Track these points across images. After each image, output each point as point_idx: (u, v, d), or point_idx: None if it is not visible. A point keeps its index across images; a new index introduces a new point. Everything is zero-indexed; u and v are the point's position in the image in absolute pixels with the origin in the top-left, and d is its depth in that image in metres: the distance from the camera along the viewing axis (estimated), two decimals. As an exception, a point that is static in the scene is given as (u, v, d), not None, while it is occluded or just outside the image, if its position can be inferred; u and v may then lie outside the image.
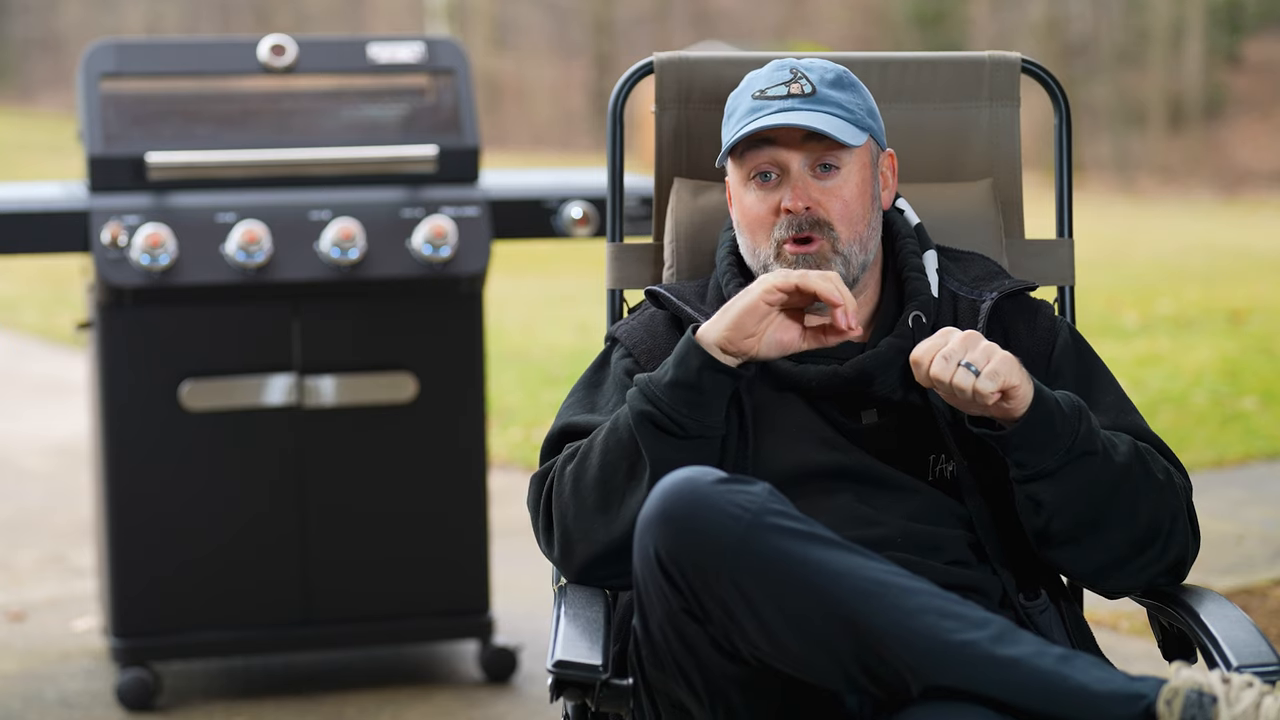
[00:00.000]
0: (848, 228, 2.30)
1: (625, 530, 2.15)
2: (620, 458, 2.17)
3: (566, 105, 24.94)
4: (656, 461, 2.14)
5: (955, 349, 2.09)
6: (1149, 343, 8.52)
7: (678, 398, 2.15)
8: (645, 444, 2.15)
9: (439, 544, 3.86)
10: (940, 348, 2.10)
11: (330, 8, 27.63)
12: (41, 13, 30.02)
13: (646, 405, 2.16)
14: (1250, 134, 20.29)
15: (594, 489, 2.19)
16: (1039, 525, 2.19)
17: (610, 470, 2.18)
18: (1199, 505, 2.32)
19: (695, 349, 2.17)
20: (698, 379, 2.15)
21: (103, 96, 3.73)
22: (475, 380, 3.84)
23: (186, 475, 3.74)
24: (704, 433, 2.16)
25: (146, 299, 3.65)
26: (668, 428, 2.15)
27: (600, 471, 2.18)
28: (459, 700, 3.82)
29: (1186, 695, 1.88)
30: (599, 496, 2.18)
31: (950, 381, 2.08)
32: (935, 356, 2.09)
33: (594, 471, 2.19)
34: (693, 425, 2.15)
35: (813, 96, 2.30)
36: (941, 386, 2.10)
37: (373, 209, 3.72)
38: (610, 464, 2.18)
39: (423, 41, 3.92)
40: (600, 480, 2.18)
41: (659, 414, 2.15)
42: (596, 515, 2.18)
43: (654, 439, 2.15)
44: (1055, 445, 2.13)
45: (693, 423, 2.15)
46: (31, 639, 4.28)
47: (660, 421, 2.15)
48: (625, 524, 2.15)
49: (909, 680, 1.94)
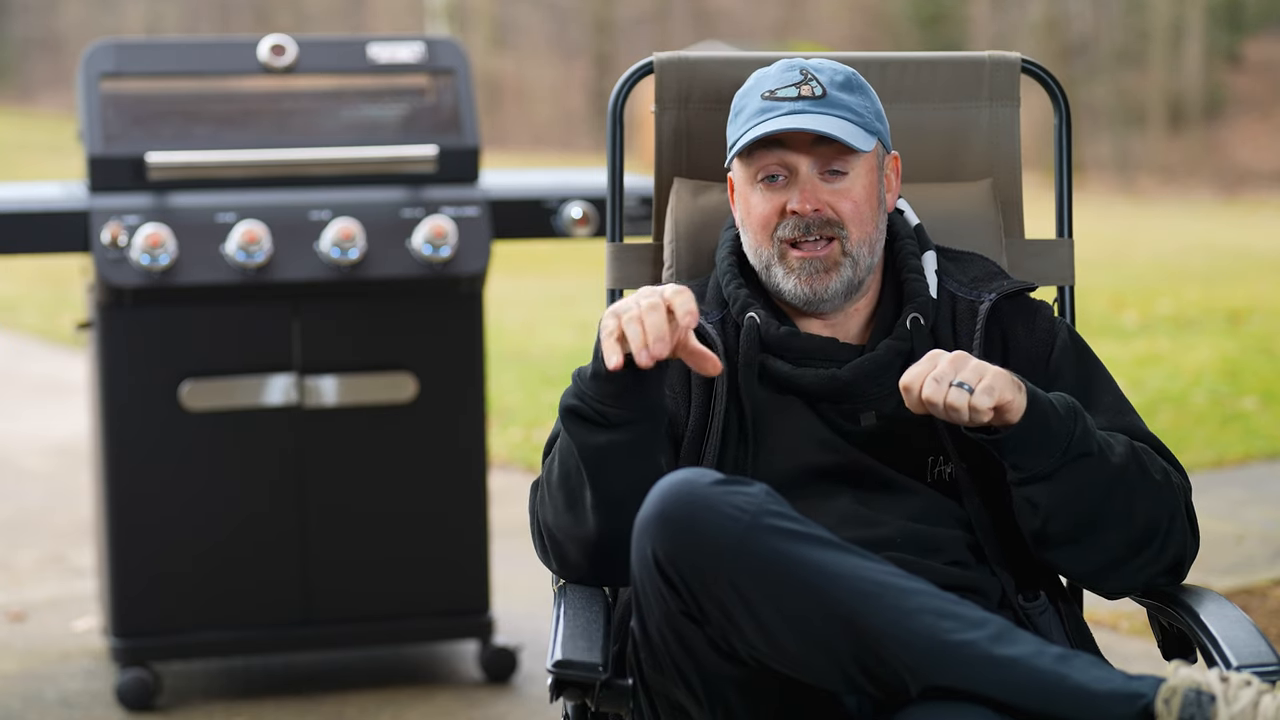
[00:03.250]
0: (858, 228, 2.30)
1: (595, 526, 2.15)
2: (570, 454, 2.17)
3: (566, 105, 24.95)
4: (584, 448, 2.14)
5: (945, 371, 2.08)
6: (1149, 343, 8.52)
7: (599, 389, 2.13)
8: (573, 435, 2.15)
9: (439, 544, 3.86)
10: (929, 372, 2.09)
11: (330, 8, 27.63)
12: (41, 13, 30.02)
13: (572, 399, 2.16)
14: (1250, 134, 20.30)
15: (559, 488, 2.20)
16: (1035, 527, 2.19)
17: (566, 468, 2.18)
18: (1199, 505, 2.32)
19: None
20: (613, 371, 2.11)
21: (103, 96, 3.73)
22: (475, 380, 3.84)
23: (187, 475, 3.74)
24: (629, 420, 2.13)
25: (146, 299, 3.65)
26: (591, 418, 2.14)
27: (560, 468, 2.19)
28: (459, 700, 3.82)
29: (1185, 694, 1.89)
30: (564, 495, 2.19)
31: (944, 403, 2.07)
32: (925, 380, 2.09)
33: (558, 471, 2.20)
34: (615, 414, 2.13)
35: (823, 99, 2.29)
36: (935, 409, 2.09)
37: (373, 209, 3.72)
38: (565, 462, 2.18)
39: (423, 41, 3.92)
40: (562, 479, 2.19)
41: (582, 405, 2.14)
42: (566, 514, 2.19)
43: (581, 430, 2.14)
44: (1050, 448, 2.13)
45: (615, 412, 2.13)
46: (31, 639, 4.28)
47: (584, 413, 2.14)
48: (589, 520, 2.16)
49: (908, 680, 1.94)
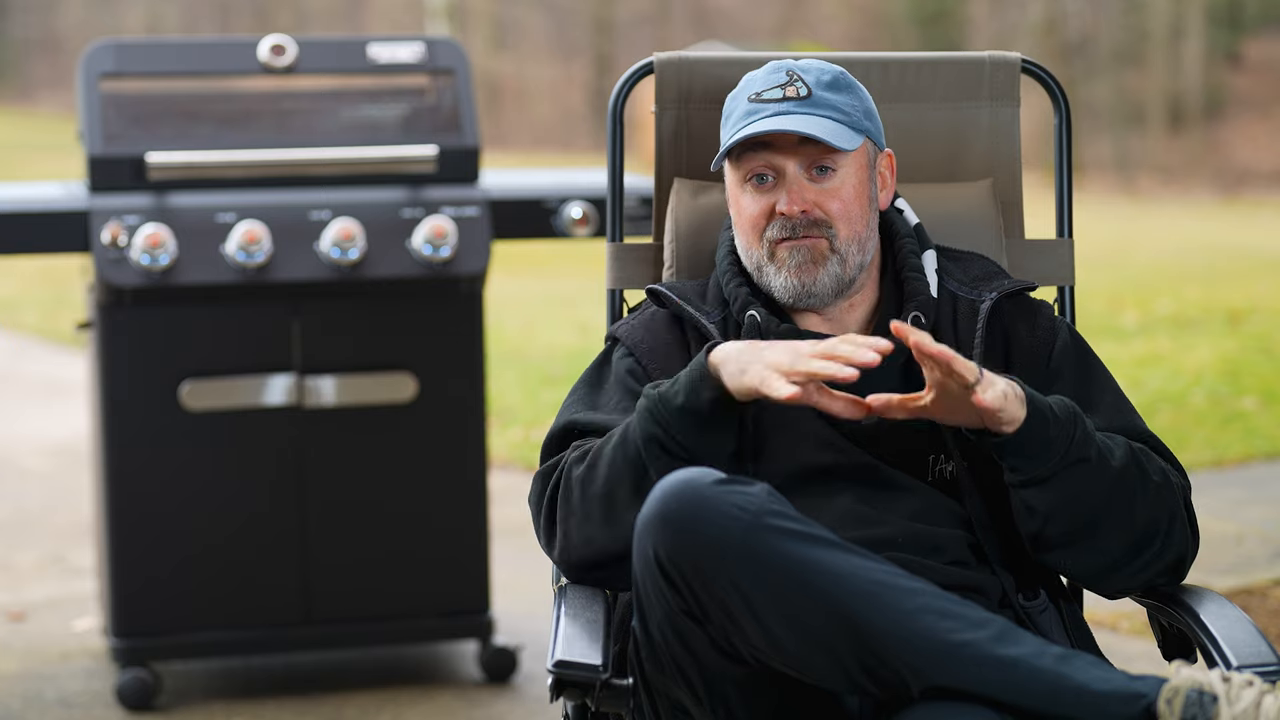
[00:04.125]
0: (846, 226, 2.30)
1: (627, 540, 2.14)
2: (626, 474, 2.16)
3: (566, 105, 24.95)
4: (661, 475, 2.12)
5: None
6: (1149, 343, 8.52)
7: (687, 423, 2.13)
8: (654, 466, 2.14)
9: (439, 544, 3.86)
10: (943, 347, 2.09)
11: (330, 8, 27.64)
12: (41, 13, 30.03)
13: (655, 428, 2.14)
14: (1250, 134, 20.30)
15: (599, 502, 2.18)
16: (1034, 530, 2.19)
17: (615, 484, 2.17)
18: (1199, 505, 2.32)
19: (708, 380, 2.13)
20: (710, 409, 2.13)
21: (102, 96, 3.73)
22: (475, 380, 3.84)
23: (186, 475, 3.74)
24: (712, 455, 2.15)
25: (146, 299, 3.65)
26: (676, 452, 2.13)
27: (605, 485, 2.18)
28: (459, 700, 3.82)
29: (1187, 694, 1.88)
30: (603, 509, 2.18)
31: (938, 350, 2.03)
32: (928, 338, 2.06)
33: (600, 484, 2.18)
34: (702, 450, 2.14)
35: (808, 99, 2.29)
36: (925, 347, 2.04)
37: (373, 209, 3.72)
38: (616, 478, 2.17)
39: (423, 41, 3.92)
40: (605, 494, 2.17)
41: (668, 437, 2.14)
42: (601, 527, 2.18)
43: (663, 462, 2.13)
44: (1049, 452, 2.13)
45: (702, 448, 2.14)
46: (31, 639, 4.28)
47: (669, 445, 2.14)
48: (627, 537, 2.15)
49: (909, 680, 1.94)
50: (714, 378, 2.13)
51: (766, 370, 2.08)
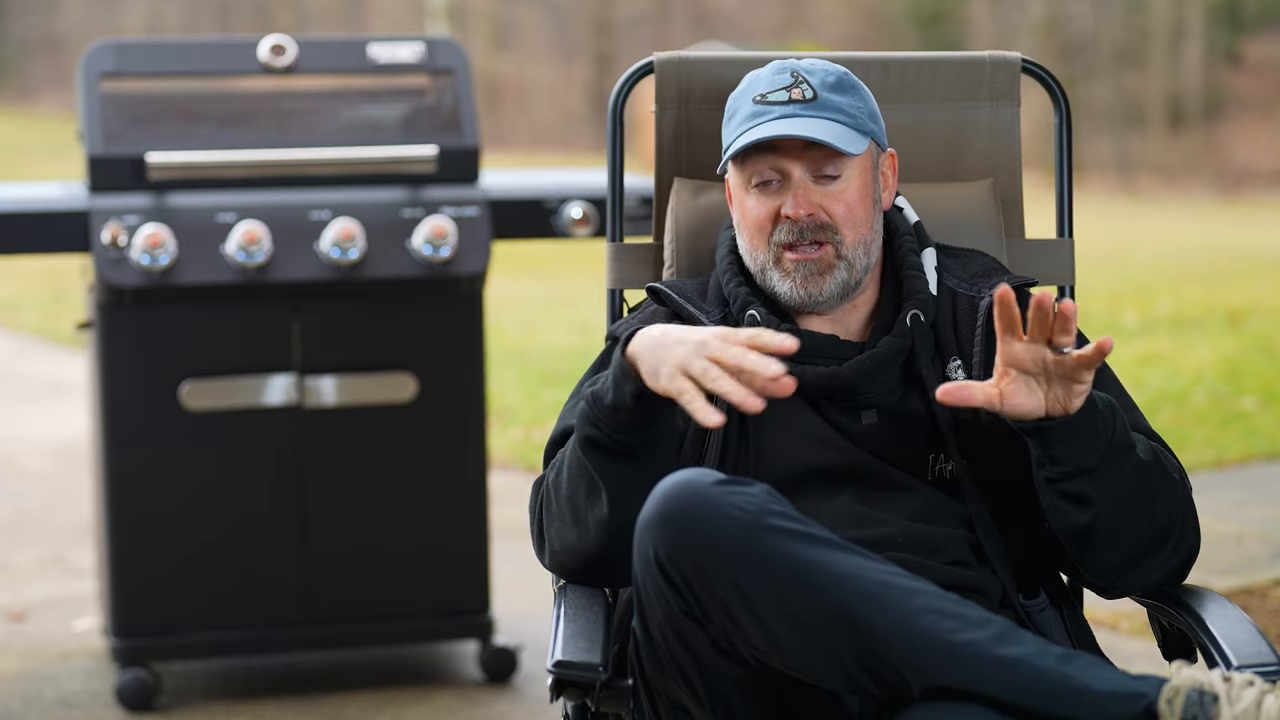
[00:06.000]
0: (852, 230, 2.29)
1: (599, 542, 2.15)
2: (579, 476, 2.16)
3: (566, 105, 24.96)
4: (606, 477, 2.13)
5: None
6: (1149, 343, 8.52)
7: (619, 420, 2.10)
8: (594, 467, 2.13)
9: (439, 544, 3.86)
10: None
11: (330, 8, 27.64)
12: (41, 13, 30.04)
13: (589, 429, 2.13)
14: (1250, 134, 20.30)
15: (566, 504, 2.19)
16: (1083, 523, 2.14)
17: (575, 487, 2.17)
18: (1199, 505, 2.32)
19: (628, 375, 2.09)
20: (635, 403, 2.09)
21: (102, 96, 3.73)
22: (475, 380, 3.84)
23: (186, 475, 3.74)
24: (651, 447, 2.12)
25: (146, 299, 3.65)
26: (612, 450, 2.12)
27: (569, 487, 2.18)
28: (459, 700, 3.82)
29: (1188, 694, 1.88)
30: (570, 511, 2.19)
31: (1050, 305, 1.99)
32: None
33: (565, 488, 2.19)
34: (638, 443, 2.11)
35: (814, 102, 2.28)
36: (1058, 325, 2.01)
37: (373, 209, 3.72)
38: (574, 481, 2.17)
39: (423, 41, 3.92)
40: (569, 497, 2.18)
41: (603, 436, 2.12)
42: (572, 529, 2.19)
43: (602, 461, 2.12)
44: (1097, 440, 2.09)
45: (638, 440, 2.11)
46: (31, 639, 4.28)
47: (604, 444, 2.12)
48: (594, 537, 2.15)
49: (910, 680, 1.94)
50: (634, 372, 2.09)
51: (683, 380, 2.01)
